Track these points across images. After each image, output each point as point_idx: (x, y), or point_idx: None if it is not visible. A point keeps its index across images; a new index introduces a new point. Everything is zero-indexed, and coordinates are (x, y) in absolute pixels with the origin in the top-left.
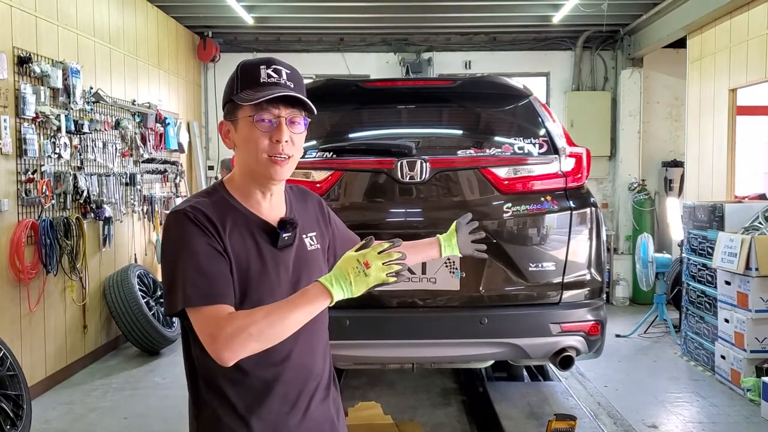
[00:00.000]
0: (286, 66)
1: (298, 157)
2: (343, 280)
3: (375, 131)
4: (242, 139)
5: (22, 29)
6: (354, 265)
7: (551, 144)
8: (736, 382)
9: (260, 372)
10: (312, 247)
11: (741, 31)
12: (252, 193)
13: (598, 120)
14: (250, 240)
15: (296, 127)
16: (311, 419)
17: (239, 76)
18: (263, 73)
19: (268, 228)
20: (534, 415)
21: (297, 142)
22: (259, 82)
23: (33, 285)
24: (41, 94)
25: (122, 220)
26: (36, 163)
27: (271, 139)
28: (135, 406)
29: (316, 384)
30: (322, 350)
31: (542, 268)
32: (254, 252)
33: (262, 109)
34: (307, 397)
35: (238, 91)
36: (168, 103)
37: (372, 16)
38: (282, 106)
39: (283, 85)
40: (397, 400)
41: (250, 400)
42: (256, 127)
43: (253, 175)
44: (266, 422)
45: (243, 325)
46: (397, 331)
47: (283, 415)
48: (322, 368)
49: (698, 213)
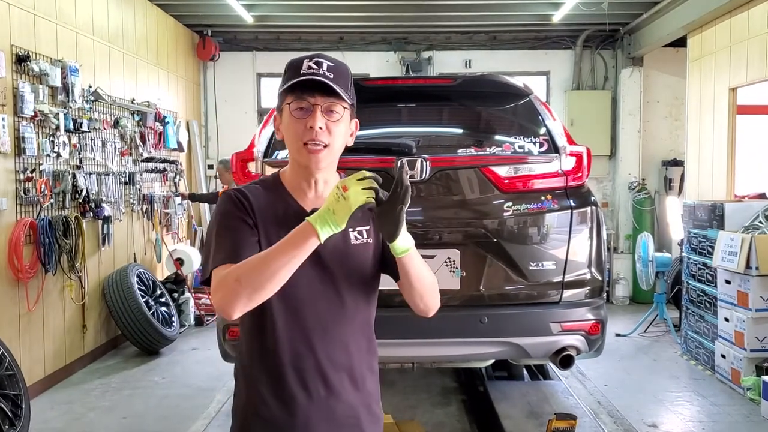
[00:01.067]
0: (330, 60)
1: (337, 148)
2: (326, 213)
3: (375, 130)
4: (285, 127)
5: (21, 27)
6: (334, 193)
7: (552, 143)
8: (736, 381)
9: (282, 353)
10: (358, 241)
11: (741, 30)
12: (299, 183)
13: (598, 119)
14: (283, 225)
15: (333, 115)
16: (332, 410)
17: (286, 70)
18: (305, 65)
19: (303, 216)
20: (534, 414)
21: (334, 131)
22: (299, 73)
23: (32, 284)
24: (40, 93)
25: (121, 219)
26: (35, 161)
27: (306, 125)
28: (134, 406)
29: (342, 375)
30: (354, 343)
31: (543, 267)
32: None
33: (300, 98)
34: (330, 386)
35: (283, 84)
36: (167, 102)
37: (372, 14)
38: (318, 94)
39: (322, 74)
40: (398, 399)
41: (273, 380)
42: (293, 114)
43: (297, 165)
44: (284, 403)
45: (231, 271)
46: (397, 330)
47: (302, 400)
48: (349, 361)
49: (698, 212)
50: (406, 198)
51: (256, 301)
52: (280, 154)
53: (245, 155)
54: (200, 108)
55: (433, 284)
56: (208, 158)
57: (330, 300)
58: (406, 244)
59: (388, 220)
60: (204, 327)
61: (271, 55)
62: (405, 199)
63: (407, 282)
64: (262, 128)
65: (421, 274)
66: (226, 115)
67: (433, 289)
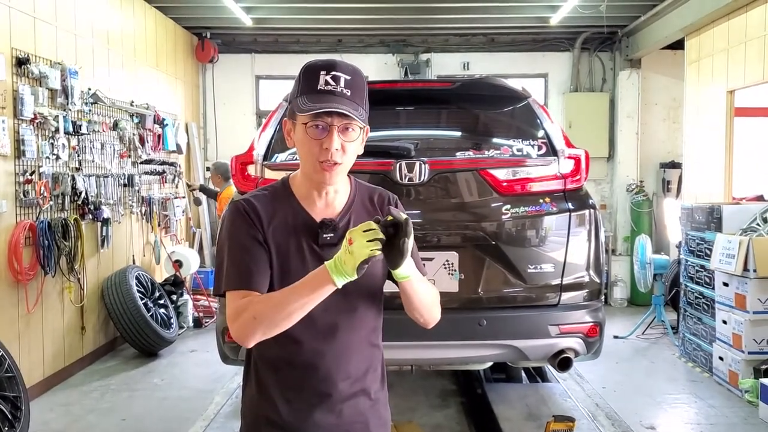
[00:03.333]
0: (347, 71)
1: (349, 163)
2: (338, 262)
3: (374, 133)
4: (299, 141)
5: (21, 30)
6: (344, 244)
7: (550, 146)
8: (734, 383)
9: (294, 360)
10: None
11: (739, 33)
12: (309, 191)
13: (596, 121)
14: (293, 236)
15: (349, 134)
16: (340, 415)
17: (301, 79)
18: (322, 79)
19: (313, 227)
20: (532, 416)
21: (349, 150)
22: (316, 89)
23: (31, 286)
24: (39, 95)
25: (120, 221)
26: (34, 164)
27: (322, 145)
28: (133, 408)
29: (350, 383)
30: (364, 350)
31: (541, 270)
32: (294, 247)
33: (317, 117)
34: (340, 392)
35: (297, 95)
36: (166, 104)
37: (370, 17)
38: (335, 115)
39: (339, 93)
40: (396, 401)
41: (282, 386)
42: (308, 133)
43: (309, 177)
44: (295, 409)
45: (250, 308)
46: (395, 332)
47: (311, 406)
48: (359, 367)
49: (696, 214)
50: (408, 230)
51: (271, 335)
52: (279, 157)
53: (245, 158)
54: (199, 110)
55: (433, 302)
56: (207, 160)
57: (341, 309)
58: (407, 271)
59: (394, 253)
60: (202, 329)
61: (270, 58)
62: (408, 231)
63: (408, 302)
64: (261, 131)
65: (421, 296)
66: (225, 117)
67: (433, 305)
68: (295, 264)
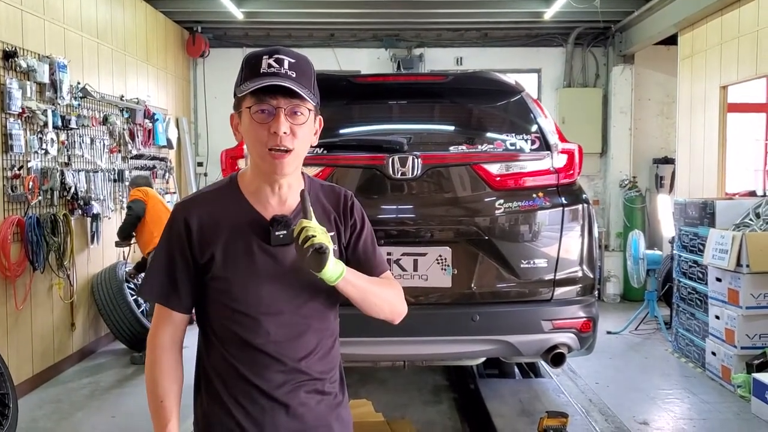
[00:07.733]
0: (291, 55)
1: (302, 151)
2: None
3: (366, 127)
4: (245, 131)
5: (8, 23)
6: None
7: (543, 140)
8: (727, 378)
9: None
10: None
11: (732, 28)
12: (260, 187)
13: (589, 117)
14: (241, 237)
15: (297, 118)
16: (301, 419)
17: (243, 66)
18: (264, 63)
19: (263, 225)
20: (525, 412)
21: (300, 135)
22: (258, 72)
23: (19, 282)
24: (27, 89)
25: (110, 216)
26: (22, 159)
27: (269, 130)
28: (123, 405)
29: (310, 384)
30: (320, 352)
31: (534, 265)
32: (242, 250)
33: (261, 101)
34: (298, 396)
35: (240, 83)
36: (157, 99)
37: (363, 11)
38: (281, 96)
39: (283, 74)
40: (389, 397)
41: (238, 393)
42: (254, 118)
43: (259, 170)
44: (251, 415)
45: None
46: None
47: (269, 412)
48: (317, 369)
49: (689, 210)
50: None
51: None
52: None
53: (235, 152)
54: (190, 105)
55: (386, 300)
56: (197, 155)
57: (294, 311)
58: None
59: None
60: (192, 325)
61: None
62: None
63: (357, 305)
64: None
65: (365, 296)
66: (216, 112)
67: (388, 304)
68: (243, 267)
